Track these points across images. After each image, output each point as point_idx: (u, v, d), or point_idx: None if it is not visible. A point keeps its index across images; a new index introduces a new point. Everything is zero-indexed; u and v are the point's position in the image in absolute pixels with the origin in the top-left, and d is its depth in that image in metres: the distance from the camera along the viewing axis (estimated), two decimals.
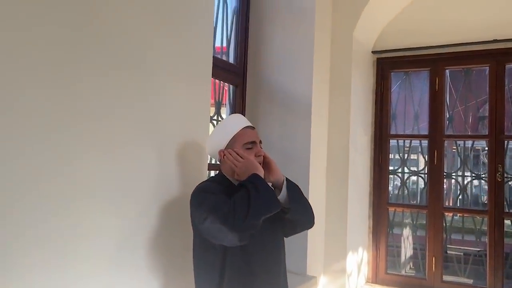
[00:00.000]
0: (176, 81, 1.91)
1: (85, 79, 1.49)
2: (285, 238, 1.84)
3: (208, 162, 2.28)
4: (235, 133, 1.72)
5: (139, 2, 1.71)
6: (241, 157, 1.66)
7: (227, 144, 1.72)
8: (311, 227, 1.85)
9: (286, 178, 1.74)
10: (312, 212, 1.80)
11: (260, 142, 1.77)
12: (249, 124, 1.79)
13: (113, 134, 1.60)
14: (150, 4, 1.77)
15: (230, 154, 1.68)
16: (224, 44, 2.99)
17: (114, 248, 1.61)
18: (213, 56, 2.22)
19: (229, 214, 1.46)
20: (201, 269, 1.68)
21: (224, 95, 3.00)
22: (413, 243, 3.89)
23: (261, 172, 1.63)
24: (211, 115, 2.77)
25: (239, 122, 1.77)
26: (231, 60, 3.05)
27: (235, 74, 3.02)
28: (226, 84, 2.99)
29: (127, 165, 1.67)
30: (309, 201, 1.83)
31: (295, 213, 1.70)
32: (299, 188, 1.78)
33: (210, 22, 2.19)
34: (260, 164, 1.69)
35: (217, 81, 2.86)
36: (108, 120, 1.58)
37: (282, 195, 1.67)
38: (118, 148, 1.62)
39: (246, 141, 1.71)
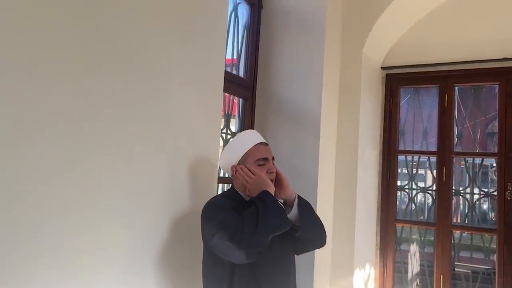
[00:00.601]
0: (188, 95, 1.94)
1: (100, 92, 1.51)
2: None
3: (219, 175, 2.30)
4: (248, 149, 1.74)
5: (155, 14, 1.74)
6: (253, 173, 1.68)
7: (239, 160, 1.74)
8: (323, 246, 1.84)
9: (298, 195, 1.75)
10: (324, 231, 1.81)
11: (273, 158, 1.79)
12: (263, 140, 1.81)
13: (125, 146, 1.62)
14: (165, 17, 1.80)
15: (242, 170, 1.69)
16: (234, 56, 3.02)
17: (124, 260, 1.62)
18: (224, 70, 2.24)
19: (236, 231, 1.48)
20: (210, 282, 1.69)
21: (234, 107, 3.03)
22: (421, 260, 3.85)
23: (271, 189, 1.64)
24: (221, 128, 2.78)
25: (252, 138, 1.79)
26: (241, 74, 3.08)
27: (245, 88, 3.04)
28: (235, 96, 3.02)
29: (138, 177, 1.69)
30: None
31: (306, 231, 1.71)
32: (311, 206, 1.78)
33: (223, 38, 2.22)
34: (272, 180, 1.70)
35: (226, 94, 2.88)
36: (120, 131, 1.60)
37: (293, 213, 1.68)
38: (130, 160, 1.64)
39: (258, 157, 1.73)
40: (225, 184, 2.94)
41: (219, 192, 2.83)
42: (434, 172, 3.37)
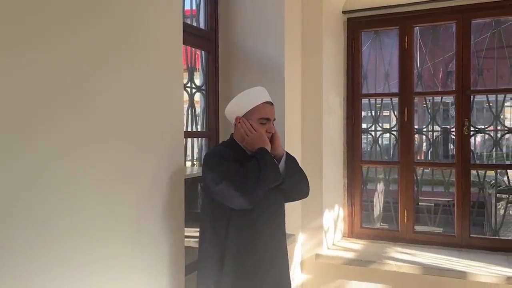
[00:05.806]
0: (146, 50, 1.88)
1: (55, 54, 1.47)
2: None
3: (186, 130, 2.30)
4: (256, 105, 1.89)
5: None
6: (255, 130, 1.85)
7: (245, 113, 1.90)
8: (306, 197, 2.05)
9: (286, 152, 1.95)
10: (307, 183, 2.02)
11: (274, 119, 1.95)
12: (270, 99, 1.95)
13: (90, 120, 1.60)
14: None
15: (245, 124, 1.87)
16: (194, 7, 2.94)
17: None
18: (183, 22, 2.19)
19: (241, 182, 1.70)
20: (208, 223, 1.88)
21: (197, 60, 2.99)
22: (386, 198, 4.04)
23: (269, 147, 1.85)
24: (185, 82, 2.75)
25: (261, 96, 1.94)
26: (202, 25, 3.01)
27: (206, 40, 2.99)
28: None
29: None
30: None
31: (290, 183, 1.91)
32: (297, 161, 2.00)
33: None
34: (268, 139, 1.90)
35: (188, 46, 2.83)
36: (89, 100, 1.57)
37: (280, 167, 1.89)
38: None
39: (262, 117, 1.90)
40: (194, 139, 2.96)
41: (188, 147, 2.85)
42: (397, 113, 3.47)
